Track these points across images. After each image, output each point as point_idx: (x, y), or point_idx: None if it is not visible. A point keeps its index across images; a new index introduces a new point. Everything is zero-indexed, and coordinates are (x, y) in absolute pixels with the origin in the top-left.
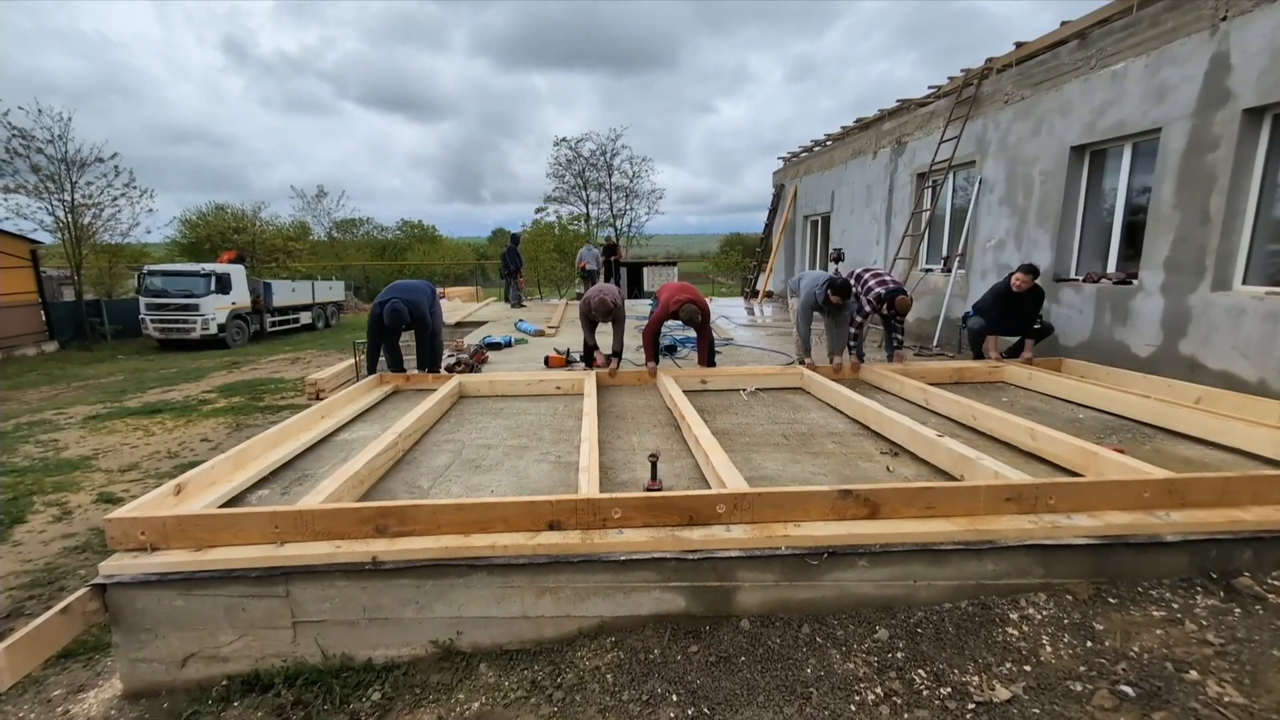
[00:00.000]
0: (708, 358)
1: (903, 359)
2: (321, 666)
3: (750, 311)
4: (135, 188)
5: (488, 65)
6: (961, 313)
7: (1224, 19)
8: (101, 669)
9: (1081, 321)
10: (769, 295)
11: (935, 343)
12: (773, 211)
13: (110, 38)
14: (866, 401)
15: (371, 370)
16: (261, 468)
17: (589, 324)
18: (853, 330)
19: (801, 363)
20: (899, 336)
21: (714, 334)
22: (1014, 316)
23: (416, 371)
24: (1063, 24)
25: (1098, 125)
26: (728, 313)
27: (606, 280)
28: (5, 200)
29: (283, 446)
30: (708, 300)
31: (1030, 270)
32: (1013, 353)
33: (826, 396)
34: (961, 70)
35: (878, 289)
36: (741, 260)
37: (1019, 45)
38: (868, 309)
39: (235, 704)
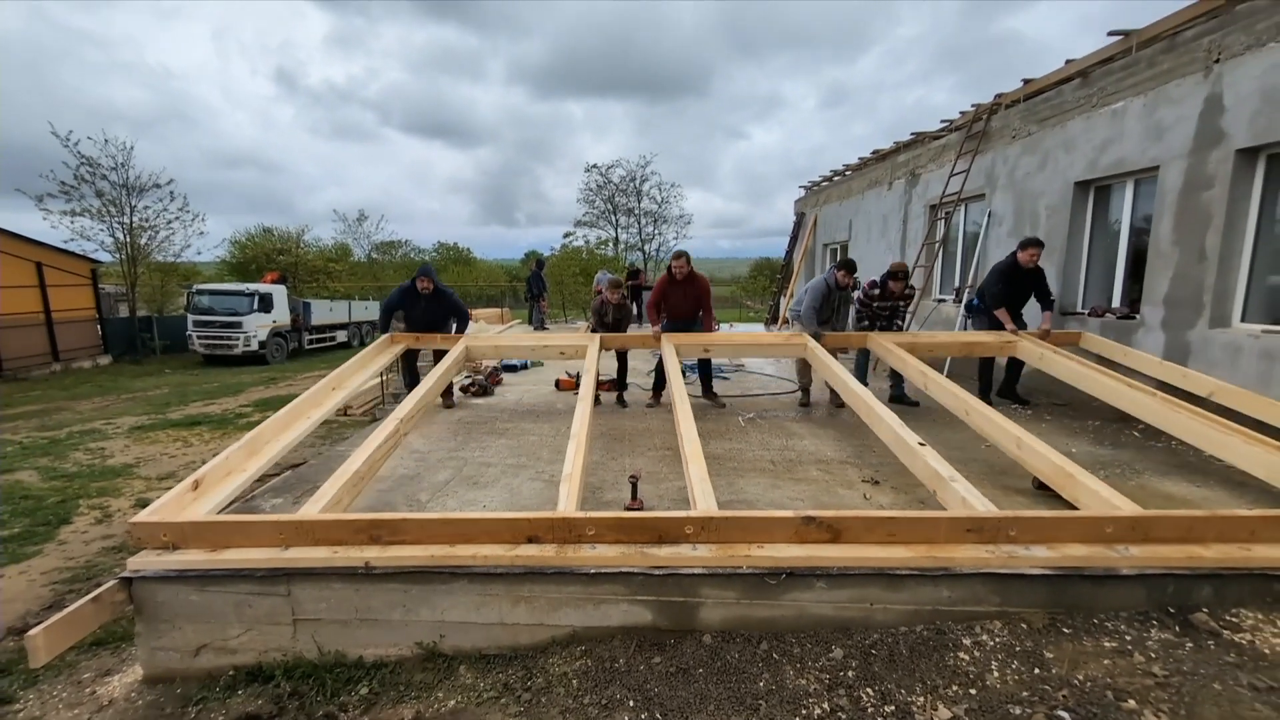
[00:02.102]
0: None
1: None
2: (317, 661)
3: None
4: (188, 211)
5: (524, 94)
6: None
7: (1217, 61)
8: (126, 656)
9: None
10: (789, 321)
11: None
12: (794, 239)
13: (172, 69)
14: (859, 389)
15: (385, 331)
16: (274, 453)
17: (598, 323)
18: (852, 318)
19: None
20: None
21: (724, 359)
22: (1023, 293)
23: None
24: (1066, 62)
25: (1100, 162)
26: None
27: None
28: (71, 223)
29: (294, 428)
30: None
31: (1038, 243)
32: None
33: (825, 373)
34: (972, 105)
35: (872, 280)
36: (768, 286)
37: (1026, 82)
38: (868, 299)
39: (240, 692)
